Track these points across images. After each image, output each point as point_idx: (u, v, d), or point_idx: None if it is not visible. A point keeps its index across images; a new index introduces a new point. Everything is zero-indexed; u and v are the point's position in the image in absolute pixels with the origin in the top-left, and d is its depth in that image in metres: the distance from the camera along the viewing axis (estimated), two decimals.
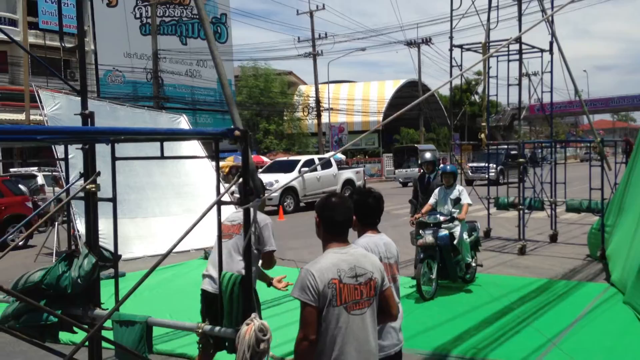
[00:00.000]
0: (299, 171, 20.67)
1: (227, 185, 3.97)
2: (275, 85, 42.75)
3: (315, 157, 23.90)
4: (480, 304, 7.39)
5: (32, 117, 26.41)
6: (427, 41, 41.74)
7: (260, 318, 3.08)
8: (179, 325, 3.43)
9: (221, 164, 17.95)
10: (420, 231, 8.01)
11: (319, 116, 38.64)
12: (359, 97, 48.27)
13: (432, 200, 8.38)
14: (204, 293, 4.35)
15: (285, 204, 19.83)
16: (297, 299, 2.68)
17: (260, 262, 4.46)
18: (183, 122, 15.11)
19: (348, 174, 23.67)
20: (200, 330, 3.19)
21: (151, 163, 11.98)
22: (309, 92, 44.26)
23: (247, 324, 2.97)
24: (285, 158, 25.30)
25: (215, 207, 3.34)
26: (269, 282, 4.76)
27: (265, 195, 4.59)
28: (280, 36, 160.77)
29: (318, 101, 38.30)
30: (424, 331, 6.28)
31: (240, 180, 3.40)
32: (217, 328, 3.17)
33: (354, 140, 5.04)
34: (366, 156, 46.14)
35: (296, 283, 2.69)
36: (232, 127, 3.43)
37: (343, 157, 35.04)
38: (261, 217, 4.44)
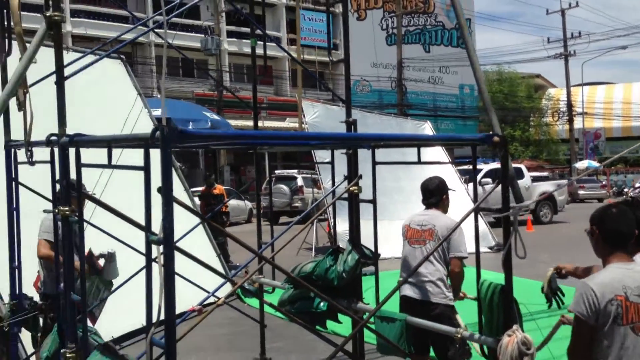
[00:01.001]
0: (480, 182, 17.43)
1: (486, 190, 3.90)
2: (521, 89, 40.68)
3: (492, 165, 19.35)
4: None
5: (290, 125, 29.41)
6: None
7: (522, 331, 2.97)
8: (437, 328, 3.47)
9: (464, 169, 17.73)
10: None
11: (570, 121, 35.75)
12: (619, 99, 43.25)
13: None
14: (406, 299, 4.21)
15: None
16: (572, 313, 2.53)
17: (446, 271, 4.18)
18: (427, 129, 15.35)
19: (545, 186, 20.12)
20: (458, 336, 3.20)
21: (397, 168, 12.42)
22: (559, 95, 41.17)
23: (509, 335, 2.89)
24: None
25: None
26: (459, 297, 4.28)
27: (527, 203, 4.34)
28: (526, 38, 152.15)
29: (570, 105, 35.47)
30: None
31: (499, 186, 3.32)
32: (477, 335, 3.14)
33: (629, 149, 4.49)
34: (627, 165, 41.09)
35: (574, 297, 2.53)
36: (490, 132, 3.37)
37: (600, 165, 31.80)
38: (450, 221, 4.17)
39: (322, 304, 3.82)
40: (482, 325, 3.21)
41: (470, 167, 4.05)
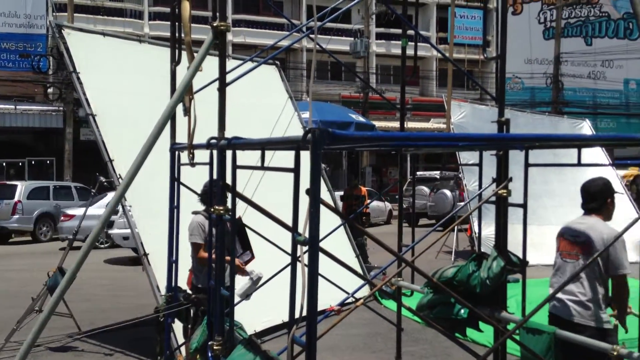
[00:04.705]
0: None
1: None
2: None
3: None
4: None
5: (435, 125, 28.87)
6: None
7: None
8: (589, 343, 3.21)
9: (623, 172, 16.08)
10: None
11: None
12: None
13: None
14: (553, 316, 3.73)
15: None
16: None
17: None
18: (586, 128, 14.28)
19: None
20: (615, 354, 2.95)
21: (548, 170, 11.67)
22: None
23: None
24: None
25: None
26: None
27: None
28: None
29: None
30: None
31: None
32: (637, 353, 2.87)
33: None
34: None
35: None
36: None
37: None
38: (609, 232, 3.61)
39: (462, 310, 3.73)
40: None
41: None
